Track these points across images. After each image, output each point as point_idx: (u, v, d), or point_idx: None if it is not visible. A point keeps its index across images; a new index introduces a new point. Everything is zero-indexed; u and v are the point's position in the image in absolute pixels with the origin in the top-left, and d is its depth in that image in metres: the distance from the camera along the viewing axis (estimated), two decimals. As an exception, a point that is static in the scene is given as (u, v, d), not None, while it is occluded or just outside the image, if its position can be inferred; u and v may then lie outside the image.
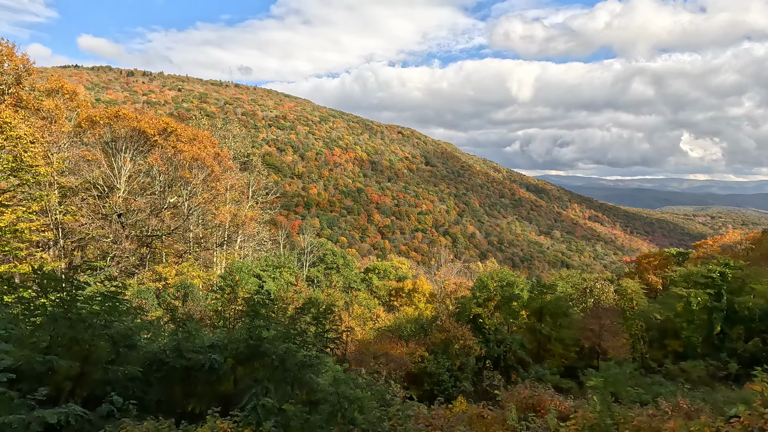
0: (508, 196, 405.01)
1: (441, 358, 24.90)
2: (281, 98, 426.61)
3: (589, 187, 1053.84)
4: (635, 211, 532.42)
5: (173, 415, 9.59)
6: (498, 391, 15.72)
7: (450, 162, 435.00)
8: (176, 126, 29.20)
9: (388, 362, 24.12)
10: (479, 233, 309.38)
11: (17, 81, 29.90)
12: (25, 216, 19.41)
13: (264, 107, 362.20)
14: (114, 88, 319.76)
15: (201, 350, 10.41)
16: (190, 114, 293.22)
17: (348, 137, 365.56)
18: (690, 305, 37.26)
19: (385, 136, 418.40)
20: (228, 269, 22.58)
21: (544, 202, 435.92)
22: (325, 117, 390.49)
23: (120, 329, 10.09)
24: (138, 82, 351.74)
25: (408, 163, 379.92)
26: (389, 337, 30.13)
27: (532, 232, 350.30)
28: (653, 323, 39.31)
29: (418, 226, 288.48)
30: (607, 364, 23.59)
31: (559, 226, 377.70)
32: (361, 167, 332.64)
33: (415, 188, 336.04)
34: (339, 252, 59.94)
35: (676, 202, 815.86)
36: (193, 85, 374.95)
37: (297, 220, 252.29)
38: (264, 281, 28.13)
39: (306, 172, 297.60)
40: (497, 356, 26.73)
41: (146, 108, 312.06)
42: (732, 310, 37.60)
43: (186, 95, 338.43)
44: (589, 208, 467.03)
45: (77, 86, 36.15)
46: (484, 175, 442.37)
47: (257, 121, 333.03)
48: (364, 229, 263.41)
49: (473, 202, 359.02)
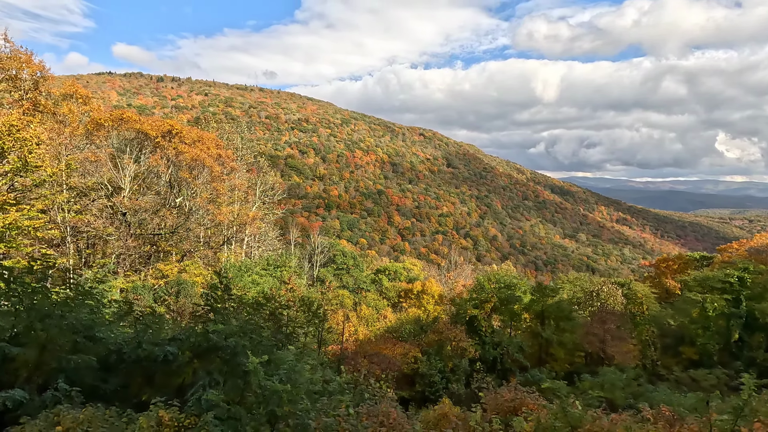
0: (531, 198, 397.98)
1: (434, 359, 24.68)
2: (304, 101, 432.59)
3: (617, 189, 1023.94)
4: (666, 214, 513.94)
5: (130, 404, 9.87)
6: (482, 393, 15.50)
7: (472, 163, 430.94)
8: (181, 128, 30.08)
9: (380, 362, 24.09)
10: (501, 236, 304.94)
11: (35, 86, 31.43)
12: (28, 214, 20.38)
13: (287, 110, 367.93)
14: (144, 93, 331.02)
15: (161, 343, 10.72)
16: (211, 117, 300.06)
17: (369, 139, 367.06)
18: (706, 311, 35.76)
19: (407, 137, 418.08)
20: (221, 267, 23.07)
21: (570, 204, 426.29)
22: (347, 119, 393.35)
23: (82, 321, 10.47)
24: (167, 87, 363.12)
25: (429, 164, 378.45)
26: (389, 337, 30.10)
27: (557, 234, 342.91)
28: (667, 329, 37.90)
29: (439, 228, 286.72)
30: (605, 370, 22.87)
31: (585, 229, 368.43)
32: (382, 169, 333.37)
33: (436, 190, 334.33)
34: (350, 253, 60.21)
35: (711, 204, 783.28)
36: (219, 89, 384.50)
37: (318, 221, 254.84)
38: (258, 280, 28.62)
39: (327, 174, 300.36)
40: (493, 359, 26.26)
41: (174, 112, 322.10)
42: (752, 317, 35.86)
43: (212, 99, 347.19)
44: (617, 210, 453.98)
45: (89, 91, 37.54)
46: (507, 176, 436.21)
47: (280, 124, 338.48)
48: (384, 231, 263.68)
49: (495, 204, 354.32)
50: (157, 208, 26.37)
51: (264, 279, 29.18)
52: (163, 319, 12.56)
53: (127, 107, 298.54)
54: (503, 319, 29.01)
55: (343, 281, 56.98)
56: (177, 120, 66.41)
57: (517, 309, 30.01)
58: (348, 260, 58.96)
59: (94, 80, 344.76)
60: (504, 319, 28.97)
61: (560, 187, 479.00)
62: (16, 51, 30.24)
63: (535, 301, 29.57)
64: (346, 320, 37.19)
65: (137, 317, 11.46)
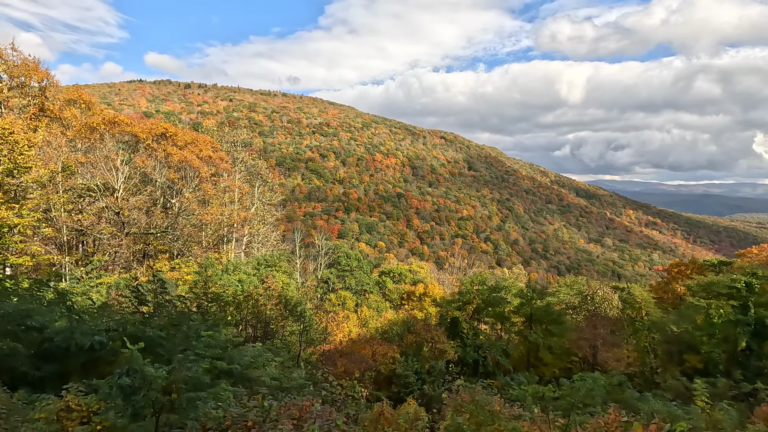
0: (555, 202, 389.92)
1: (411, 360, 24.55)
2: (326, 106, 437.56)
3: (647, 193, 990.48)
4: (700, 219, 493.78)
5: (60, 390, 10.33)
6: (445, 395, 15.48)
7: (494, 167, 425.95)
8: (175, 131, 31.11)
9: (358, 362, 24.16)
10: (522, 240, 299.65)
11: (42, 92, 33.10)
12: (20, 212, 21.47)
13: (309, 115, 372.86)
14: (172, 100, 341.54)
15: (94, 332, 11.13)
16: (238, 121, 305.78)
17: (389, 143, 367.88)
18: (711, 317, 34.33)
19: (428, 141, 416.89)
20: (201, 265, 23.64)
21: (596, 207, 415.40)
22: (368, 123, 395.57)
23: (19, 309, 11.00)
24: (194, 93, 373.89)
25: (450, 167, 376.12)
26: (377, 338, 30.10)
27: (581, 239, 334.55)
28: (671, 336, 36.54)
29: (459, 232, 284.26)
30: (582, 375, 22.22)
31: (611, 234, 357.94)
32: (402, 172, 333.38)
33: (456, 193, 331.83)
34: (354, 255, 60.43)
35: (748, 209, 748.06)
36: (243, 95, 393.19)
37: (337, 224, 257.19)
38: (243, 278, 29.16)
39: (347, 178, 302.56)
40: (475, 361, 25.85)
41: (200, 117, 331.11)
42: (762, 324, 34.18)
43: (236, 105, 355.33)
44: (646, 214, 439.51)
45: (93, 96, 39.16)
46: (530, 179, 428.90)
47: (302, 129, 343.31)
48: (402, 235, 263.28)
49: (517, 207, 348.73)
50: (148, 207, 27.32)
51: (250, 278, 29.72)
52: (108, 309, 13.02)
53: (156, 113, 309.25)
54: (486, 321, 28.53)
55: (347, 282, 57.31)
56: (197, 124, 65.51)
57: (507, 312, 29.49)
58: (352, 262, 59.25)
59: (125, 88, 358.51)
60: (489, 321, 28.49)
61: (585, 191, 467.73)
62: (25, 60, 31.96)
63: (524, 304, 29.00)
64: (345, 320, 37.43)
65: (70, 307, 11.92)
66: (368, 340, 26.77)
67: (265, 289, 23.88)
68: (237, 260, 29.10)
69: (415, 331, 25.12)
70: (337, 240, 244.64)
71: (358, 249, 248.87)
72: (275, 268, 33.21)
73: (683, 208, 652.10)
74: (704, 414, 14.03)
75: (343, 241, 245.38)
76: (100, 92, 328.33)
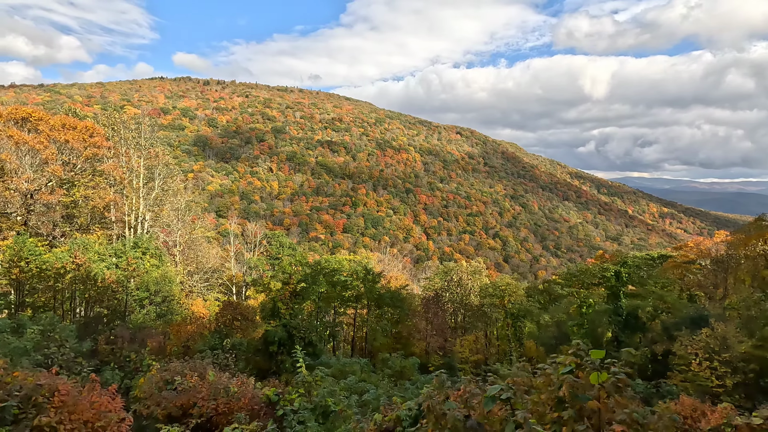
0: (573, 199, 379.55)
1: (215, 336, 25.11)
2: (341, 101, 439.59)
3: (677, 191, 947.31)
4: (733, 217, 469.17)
5: None
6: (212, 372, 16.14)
7: (510, 163, 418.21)
8: (41, 115, 32.40)
9: (157, 338, 25.02)
10: (534, 237, 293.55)
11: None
12: None
13: (322, 110, 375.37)
14: (190, 96, 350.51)
15: None
16: (252, 116, 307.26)
17: (402, 138, 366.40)
18: (580, 308, 33.34)
19: (443, 136, 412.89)
20: (15, 245, 24.55)
21: (618, 205, 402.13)
22: (381, 119, 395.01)
23: None
24: (212, 90, 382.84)
25: (464, 163, 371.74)
26: (206, 320, 30.98)
27: (597, 236, 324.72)
28: (546, 326, 35.73)
29: (467, 228, 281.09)
30: (388, 358, 22.22)
31: (631, 232, 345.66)
32: (413, 168, 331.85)
33: (468, 189, 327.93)
34: (287, 243, 61.18)
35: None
36: (259, 91, 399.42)
37: (342, 218, 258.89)
38: (95, 260, 30.22)
39: (356, 173, 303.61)
40: (291, 339, 25.95)
41: (215, 113, 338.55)
42: (633, 315, 32.93)
43: (251, 101, 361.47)
44: (671, 212, 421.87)
45: None
46: (548, 176, 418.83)
47: (314, 124, 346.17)
48: (408, 230, 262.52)
49: (532, 204, 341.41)
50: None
51: (107, 262, 30.81)
52: None
53: (172, 109, 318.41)
54: (306, 301, 28.50)
55: (276, 270, 58.17)
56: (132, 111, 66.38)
57: (347, 295, 29.45)
58: (285, 250, 60.05)
59: (146, 85, 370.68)
60: (307, 301, 28.49)
61: (607, 187, 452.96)
62: None
63: (368, 288, 28.86)
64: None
65: None
66: (195, 320, 27.42)
67: (122, 273, 24.86)
68: (89, 242, 30.16)
69: (229, 311, 25.56)
70: (342, 234, 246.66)
71: (362, 243, 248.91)
72: (142, 249, 34.11)
73: (716, 206, 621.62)
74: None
75: (348, 236, 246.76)
76: (122, 89, 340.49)
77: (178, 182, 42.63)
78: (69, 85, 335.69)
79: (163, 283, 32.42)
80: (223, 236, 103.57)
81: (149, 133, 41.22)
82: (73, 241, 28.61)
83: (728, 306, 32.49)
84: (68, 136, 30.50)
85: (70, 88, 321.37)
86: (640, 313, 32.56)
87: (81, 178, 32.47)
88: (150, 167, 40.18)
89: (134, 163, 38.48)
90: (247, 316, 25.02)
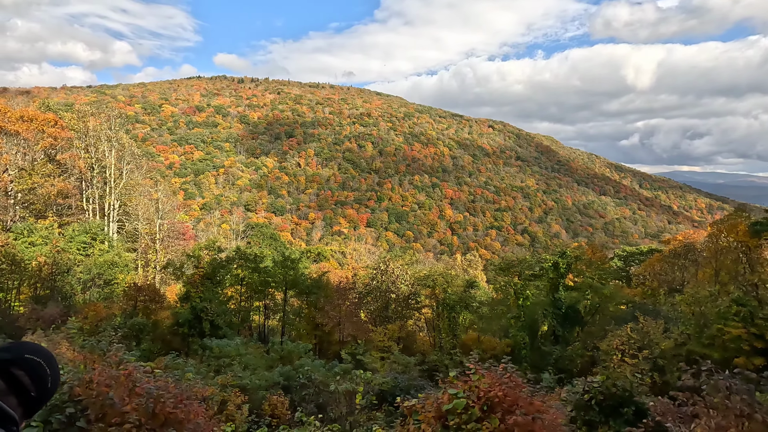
0: (610, 194, 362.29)
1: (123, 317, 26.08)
2: (371, 96, 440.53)
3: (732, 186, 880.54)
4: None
5: None
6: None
7: (545, 156, 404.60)
8: (2, 108, 34.82)
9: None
10: (565, 233, 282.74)
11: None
12: None
13: (351, 106, 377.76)
14: (224, 94, 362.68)
15: None
16: (283, 113, 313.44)
17: (431, 132, 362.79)
18: (518, 300, 31.89)
19: (474, 130, 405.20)
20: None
21: (661, 200, 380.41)
22: (410, 113, 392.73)
23: None
24: (245, 87, 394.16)
25: (495, 158, 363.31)
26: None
27: (635, 233, 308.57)
28: (487, 318, 34.52)
29: (494, 224, 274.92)
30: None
31: (674, 228, 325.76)
32: (441, 162, 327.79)
33: (497, 184, 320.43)
34: (269, 233, 62.13)
35: None
36: (291, 88, 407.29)
37: (366, 213, 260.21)
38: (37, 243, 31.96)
39: (383, 168, 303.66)
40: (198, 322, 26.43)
41: (247, 110, 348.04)
42: (573, 309, 31.15)
43: (283, 98, 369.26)
44: (721, 208, 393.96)
45: None
46: (585, 170, 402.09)
47: (342, 119, 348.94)
48: (433, 225, 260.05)
49: (565, 199, 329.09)
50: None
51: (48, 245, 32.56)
52: None
53: (207, 107, 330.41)
54: (211, 287, 28.78)
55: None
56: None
57: (271, 281, 29.62)
58: (265, 240, 61.04)
59: (184, 84, 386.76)
60: (211, 287, 28.76)
61: (650, 182, 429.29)
62: None
63: (282, 274, 28.89)
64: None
65: None
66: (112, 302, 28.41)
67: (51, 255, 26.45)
68: (39, 227, 31.92)
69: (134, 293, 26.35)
70: (365, 229, 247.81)
71: (385, 237, 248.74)
72: (91, 233, 35.64)
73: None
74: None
75: (371, 230, 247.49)
76: (161, 89, 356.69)
77: (145, 172, 44.26)
78: (113, 86, 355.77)
79: (107, 267, 33.79)
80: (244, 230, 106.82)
81: (119, 126, 42.89)
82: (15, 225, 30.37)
83: (681, 301, 30.07)
84: (18, 127, 32.54)
85: (114, 88, 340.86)
86: (580, 306, 30.75)
87: (38, 167, 34.58)
88: (120, 158, 41.88)
89: (104, 155, 40.25)
90: (155, 298, 25.66)
